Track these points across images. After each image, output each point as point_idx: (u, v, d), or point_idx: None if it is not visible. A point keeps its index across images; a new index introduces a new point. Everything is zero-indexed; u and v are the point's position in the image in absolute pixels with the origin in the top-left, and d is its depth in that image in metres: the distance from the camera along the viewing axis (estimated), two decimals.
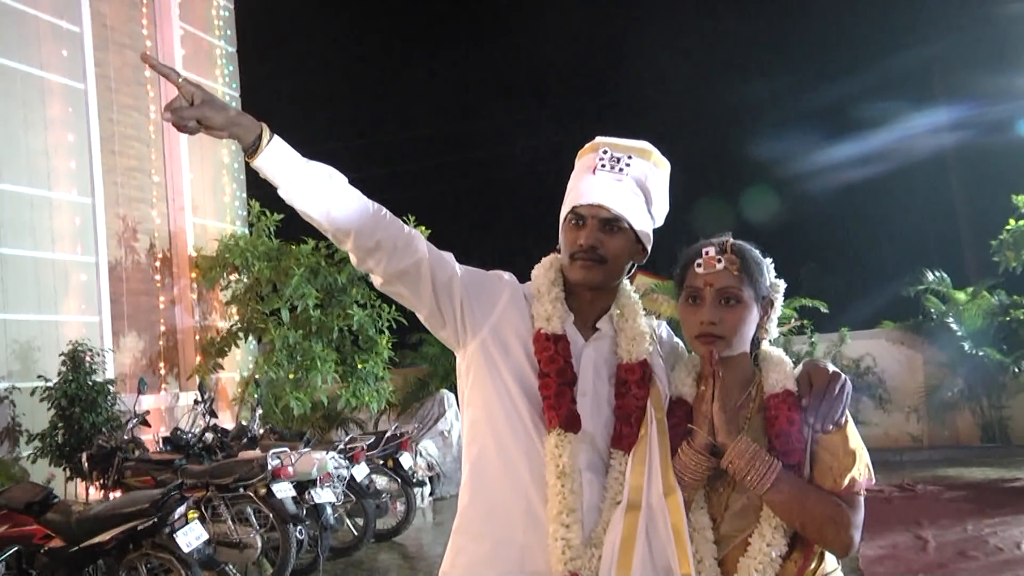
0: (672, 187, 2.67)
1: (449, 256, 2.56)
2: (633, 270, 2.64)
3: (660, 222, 2.63)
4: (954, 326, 14.75)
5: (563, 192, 2.61)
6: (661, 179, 2.59)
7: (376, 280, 2.51)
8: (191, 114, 2.24)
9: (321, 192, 2.38)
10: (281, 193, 2.38)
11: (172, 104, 2.24)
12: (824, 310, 15.03)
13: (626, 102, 22.38)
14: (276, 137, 2.34)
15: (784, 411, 2.37)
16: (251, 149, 2.33)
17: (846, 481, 2.32)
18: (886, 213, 20.44)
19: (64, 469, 9.87)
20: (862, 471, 2.34)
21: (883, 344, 15.52)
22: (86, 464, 8.95)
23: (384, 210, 2.46)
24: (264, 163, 2.33)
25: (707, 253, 2.43)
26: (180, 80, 2.24)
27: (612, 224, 2.49)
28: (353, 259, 2.48)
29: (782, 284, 2.53)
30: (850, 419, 2.39)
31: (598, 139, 2.61)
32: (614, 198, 2.49)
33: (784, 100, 20.55)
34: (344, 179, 2.42)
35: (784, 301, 2.57)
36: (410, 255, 2.46)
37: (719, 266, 2.41)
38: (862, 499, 2.36)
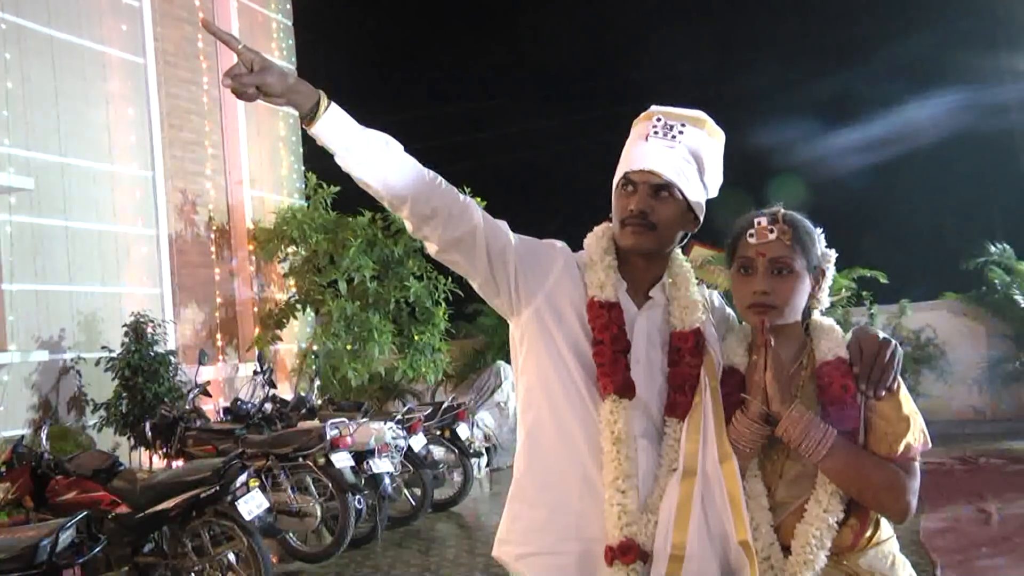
0: (732, 161, 2.65)
1: (503, 224, 2.57)
2: (687, 240, 2.64)
3: (714, 193, 2.62)
4: (1018, 298, 14.50)
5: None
6: (714, 149, 2.57)
7: (431, 248, 2.52)
8: (251, 80, 2.25)
9: (378, 159, 2.39)
10: (338, 160, 2.40)
11: (232, 71, 2.25)
12: (883, 281, 14.83)
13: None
14: (333, 104, 2.36)
15: (837, 378, 2.36)
16: (308, 116, 2.34)
17: (901, 447, 2.31)
18: (948, 184, 20.07)
19: (128, 438, 10.07)
20: (917, 436, 2.33)
21: (944, 316, 15.30)
22: (149, 433, 9.11)
23: (440, 178, 2.46)
24: (321, 130, 2.35)
25: (759, 223, 2.43)
26: (240, 47, 2.25)
27: (662, 190, 2.49)
28: (409, 226, 2.49)
29: (833, 254, 2.52)
30: (903, 385, 2.38)
31: (653, 108, 2.61)
32: (665, 164, 2.48)
33: (830, 74, 20.27)
34: (400, 146, 2.43)
35: (842, 271, 2.56)
36: (465, 223, 2.46)
37: (771, 236, 2.41)
38: (918, 465, 2.35)
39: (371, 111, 2.40)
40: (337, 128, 2.36)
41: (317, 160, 15.07)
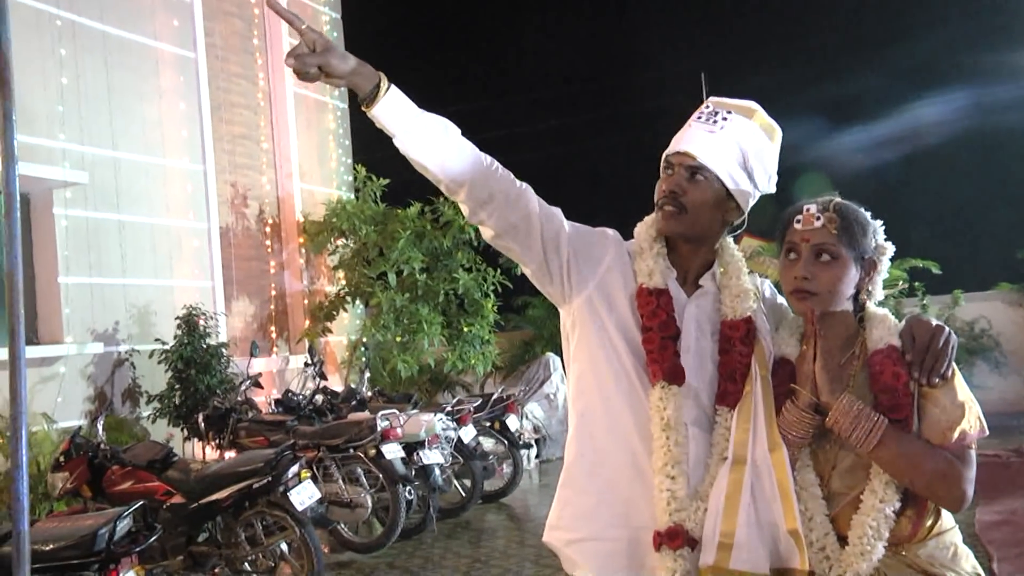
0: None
1: (558, 212, 2.58)
2: (738, 231, 2.63)
3: (764, 185, 2.60)
4: None
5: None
6: (762, 140, 2.56)
7: (487, 233, 2.53)
8: (313, 61, 2.26)
9: (436, 142, 2.40)
10: (397, 143, 2.40)
11: (295, 51, 2.26)
12: (936, 271, 14.65)
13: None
14: (393, 87, 2.37)
15: (889, 367, 2.35)
16: (368, 98, 2.35)
17: (955, 434, 2.29)
18: (1003, 173, 19.78)
19: (181, 429, 10.18)
20: (972, 423, 2.31)
21: (999, 306, 15.08)
22: (202, 424, 9.21)
23: (496, 163, 2.48)
24: (381, 112, 2.36)
25: (808, 210, 2.43)
26: (304, 26, 2.27)
27: (697, 173, 2.50)
28: (465, 210, 2.50)
29: (890, 248, 2.51)
30: (957, 372, 2.36)
31: (710, 98, 2.61)
32: (700, 147, 2.50)
33: (900, 48, 20.03)
34: (458, 130, 2.45)
35: (894, 262, 2.54)
36: (521, 208, 2.48)
37: (817, 223, 2.41)
38: (973, 452, 2.33)
39: (419, 99, 2.40)
40: (397, 111, 2.37)
41: (366, 153, 15.16)
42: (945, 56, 19.82)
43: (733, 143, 2.51)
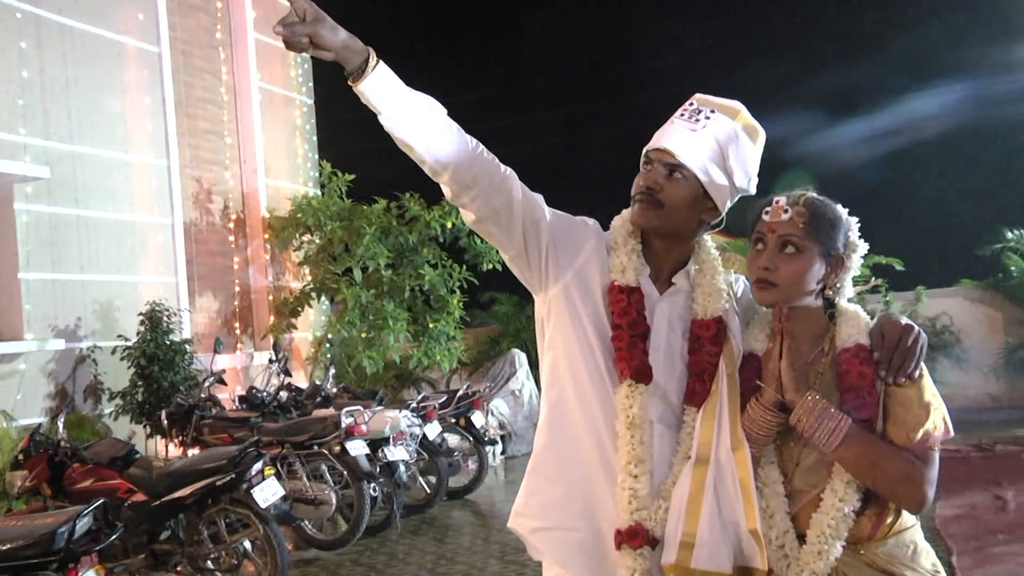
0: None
1: (540, 199, 2.57)
2: (711, 229, 2.63)
3: (744, 186, 2.58)
4: None
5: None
6: (743, 140, 2.55)
7: (468, 217, 2.52)
8: (303, 30, 2.21)
9: (423, 121, 2.37)
10: (382, 120, 2.36)
11: (285, 19, 2.22)
12: (899, 268, 14.76)
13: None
14: (382, 62, 2.32)
15: (855, 365, 2.34)
16: (356, 72, 2.30)
17: (919, 435, 2.29)
18: (964, 170, 19.98)
19: (144, 426, 10.12)
20: (937, 424, 2.31)
21: (961, 303, 15.23)
22: (165, 421, 9.15)
23: (481, 146, 2.46)
24: (368, 87, 2.31)
25: (777, 202, 2.43)
26: None
27: (676, 171, 2.49)
28: (448, 192, 2.47)
29: (863, 246, 2.50)
30: (926, 373, 2.36)
31: (695, 95, 2.61)
32: (680, 145, 2.49)
33: (864, 48, 20.18)
34: (444, 111, 2.41)
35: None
36: (504, 193, 2.47)
37: (785, 216, 2.41)
38: (936, 454, 2.33)
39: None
40: (385, 87, 2.33)
41: (331, 149, 15.11)
42: (905, 59, 19.99)
43: (714, 142, 2.50)
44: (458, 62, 23.96)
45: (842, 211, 2.50)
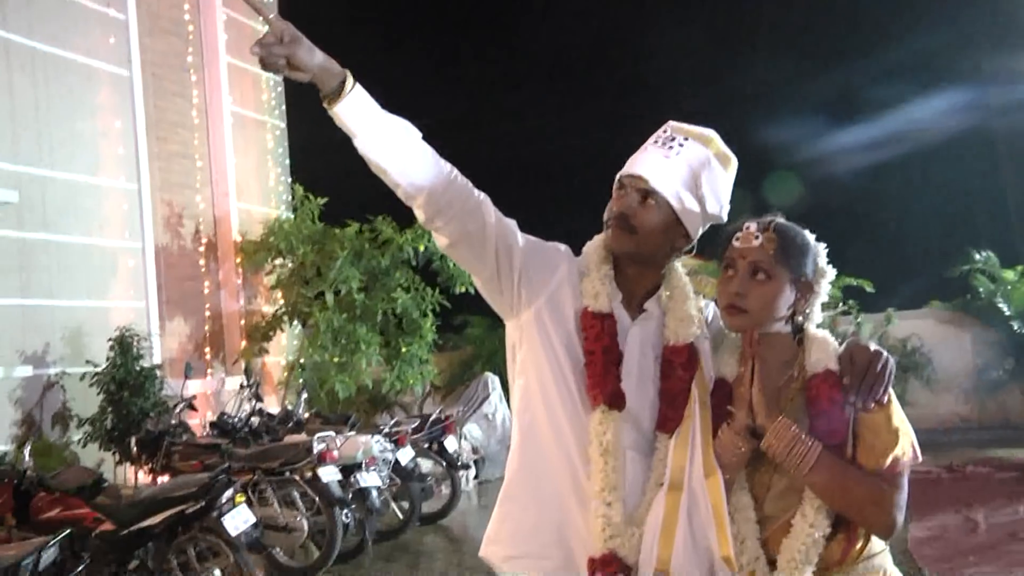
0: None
1: (513, 224, 2.57)
2: (683, 256, 2.63)
3: (715, 213, 2.58)
4: (1003, 306, 14.56)
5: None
6: (716, 168, 2.56)
7: (441, 241, 2.50)
8: (281, 51, 2.19)
9: (398, 145, 2.36)
10: (357, 143, 2.34)
11: (263, 40, 2.20)
12: (870, 290, 14.87)
13: (642, 84, 22.28)
14: (358, 85, 2.31)
15: (825, 391, 2.35)
16: (332, 95, 2.28)
17: (888, 460, 2.30)
18: (933, 191, 20.16)
19: (113, 453, 10.02)
20: (906, 449, 2.32)
21: (931, 324, 15.34)
22: (135, 448, 9.07)
23: (456, 171, 2.45)
24: (344, 110, 2.29)
25: (748, 228, 2.45)
26: (272, 16, 2.22)
27: (649, 197, 2.50)
28: (421, 216, 2.45)
29: (831, 272, 2.52)
30: (894, 398, 2.37)
31: (669, 122, 2.62)
32: (654, 172, 2.50)
33: (822, 76, 20.32)
34: (419, 134, 2.40)
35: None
36: (478, 218, 2.46)
37: (755, 242, 2.41)
38: (905, 479, 2.34)
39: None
40: (360, 110, 2.31)
41: (304, 172, 15.09)
42: (871, 82, 20.19)
43: (687, 169, 2.51)
44: (450, 66, 24.05)
45: (810, 237, 2.51)
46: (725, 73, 20.95)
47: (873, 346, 2.40)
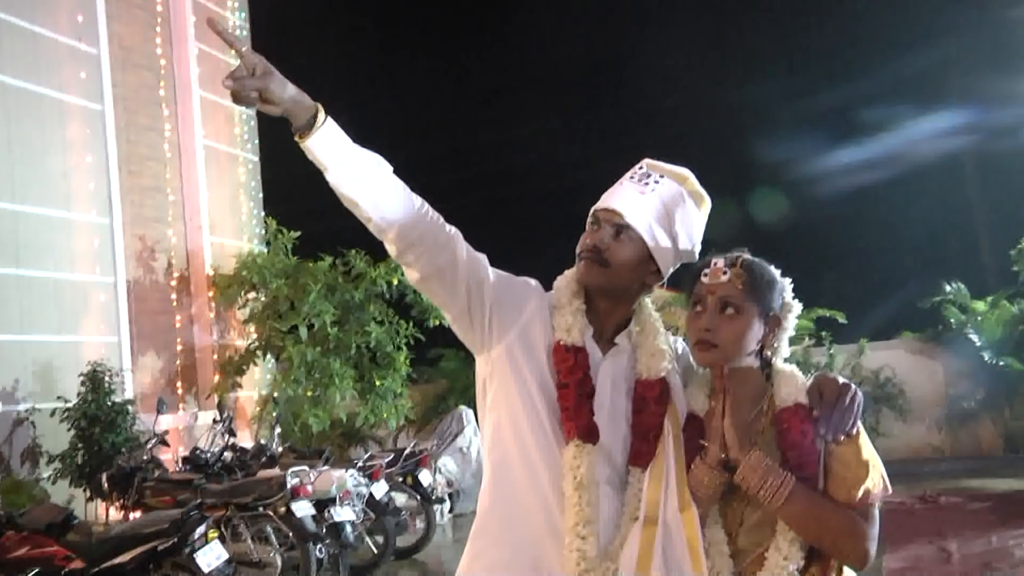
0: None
1: (484, 259, 2.56)
2: (651, 291, 2.64)
3: (688, 251, 2.60)
4: (973, 336, 14.65)
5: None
6: (690, 206, 2.58)
7: (412, 275, 2.50)
8: (253, 84, 2.19)
9: (370, 179, 2.35)
10: (328, 177, 2.33)
11: (235, 73, 2.19)
12: (842, 321, 14.96)
13: (633, 106, 22.44)
14: (330, 118, 2.31)
15: (796, 424, 2.36)
16: (304, 128, 2.28)
17: (860, 492, 2.32)
18: (904, 222, 20.35)
19: (84, 490, 9.92)
20: (876, 482, 2.34)
21: (902, 355, 15.41)
22: (106, 484, 8.98)
23: (426, 205, 2.45)
24: (316, 143, 2.29)
25: (716, 264, 2.47)
26: (244, 49, 2.21)
27: (622, 232, 2.51)
28: (392, 250, 2.45)
29: (797, 306, 2.54)
30: (862, 430, 2.39)
31: (644, 160, 2.63)
32: (629, 206, 2.51)
33: (795, 103, 20.52)
34: (390, 168, 2.40)
35: (802, 311, 2.57)
36: (449, 252, 2.46)
37: (724, 277, 2.43)
38: (877, 511, 2.36)
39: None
40: (332, 143, 2.31)
41: (277, 205, 15.07)
42: (840, 113, 20.39)
43: (661, 206, 2.53)
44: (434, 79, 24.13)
45: (776, 272, 2.53)
46: (686, 105, 21.13)
47: (841, 379, 2.43)
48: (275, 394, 12.78)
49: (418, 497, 10.44)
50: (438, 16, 24.61)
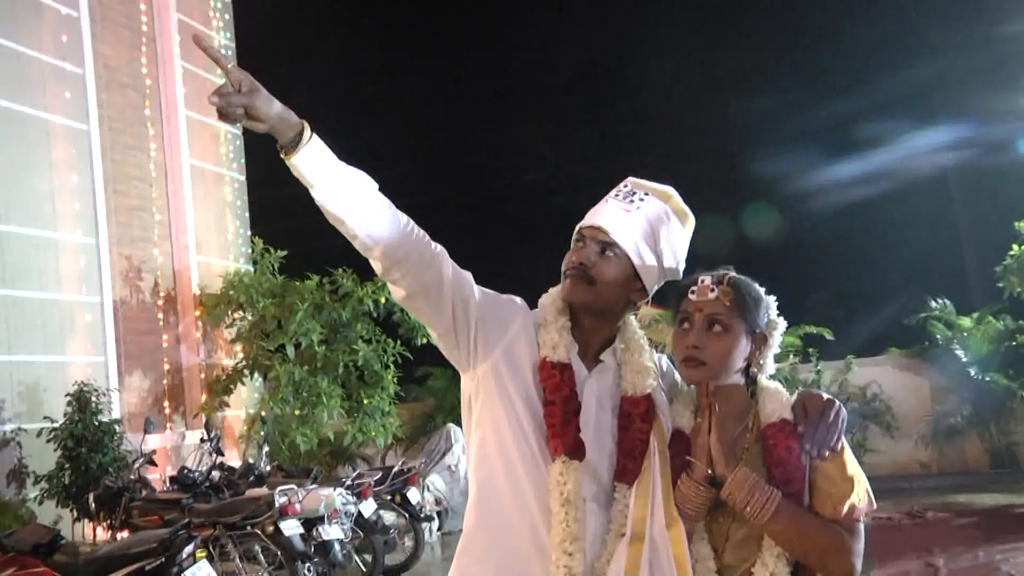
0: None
1: (469, 277, 2.57)
2: (637, 308, 2.65)
3: (672, 268, 2.62)
4: (959, 352, 14.71)
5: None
6: (675, 224, 2.60)
7: (398, 293, 2.50)
8: (239, 101, 2.18)
9: (356, 196, 2.35)
10: (314, 194, 2.33)
11: (221, 90, 2.18)
12: (829, 337, 15.00)
13: (628, 119, 22.53)
14: (315, 136, 2.30)
15: (781, 440, 2.38)
16: (290, 145, 2.27)
17: (845, 508, 2.33)
18: (890, 238, 20.46)
19: (71, 510, 9.87)
20: (861, 497, 2.35)
21: (889, 371, 15.46)
22: (93, 504, 8.95)
23: (412, 222, 2.45)
24: (301, 161, 2.28)
25: (703, 282, 2.48)
26: (230, 66, 2.21)
27: (608, 249, 2.52)
28: (378, 267, 2.45)
29: (782, 323, 2.55)
30: (847, 446, 2.41)
31: (628, 178, 2.65)
32: (615, 224, 2.53)
33: (781, 121, 20.59)
34: (376, 185, 2.40)
35: (788, 329, 2.59)
36: (435, 270, 2.46)
37: (711, 295, 2.45)
38: (862, 526, 2.37)
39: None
40: (318, 160, 2.31)
41: (263, 224, 15.07)
42: (825, 131, 20.47)
43: (646, 224, 2.54)
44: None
45: (761, 290, 2.55)
46: (678, 122, 21.20)
47: (825, 395, 2.44)
48: (263, 413, 12.75)
49: (406, 515, 10.42)
50: (435, 24, 24.67)
